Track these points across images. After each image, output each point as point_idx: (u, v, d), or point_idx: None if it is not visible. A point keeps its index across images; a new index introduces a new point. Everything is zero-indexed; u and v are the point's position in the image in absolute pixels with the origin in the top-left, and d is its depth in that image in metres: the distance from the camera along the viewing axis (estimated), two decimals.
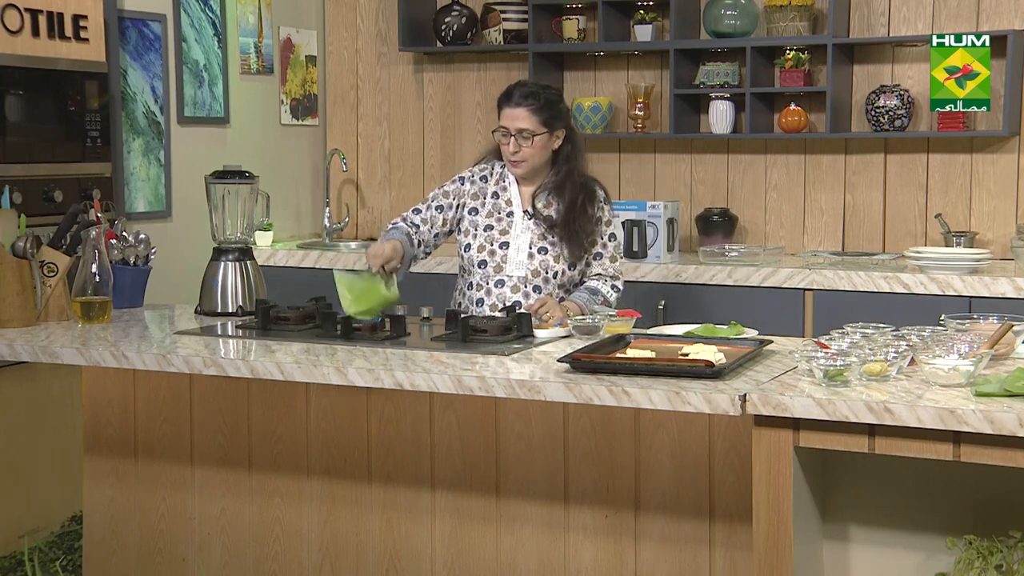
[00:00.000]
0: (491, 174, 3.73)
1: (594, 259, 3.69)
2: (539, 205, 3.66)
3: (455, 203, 3.71)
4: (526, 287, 3.62)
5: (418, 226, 3.70)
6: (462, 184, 3.73)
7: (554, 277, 3.63)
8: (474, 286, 3.68)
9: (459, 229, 3.72)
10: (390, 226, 3.73)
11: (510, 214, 3.67)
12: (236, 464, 3.38)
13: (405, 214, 3.75)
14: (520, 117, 3.60)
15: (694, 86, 5.21)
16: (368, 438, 3.22)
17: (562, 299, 3.63)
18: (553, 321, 3.32)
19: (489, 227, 3.67)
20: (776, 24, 5.05)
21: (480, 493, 3.11)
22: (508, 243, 3.64)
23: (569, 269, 3.65)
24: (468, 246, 3.68)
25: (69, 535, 4.21)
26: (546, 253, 3.63)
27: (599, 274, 3.70)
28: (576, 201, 3.62)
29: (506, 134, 3.62)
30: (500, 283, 3.62)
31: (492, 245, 3.65)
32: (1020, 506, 2.59)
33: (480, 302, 3.65)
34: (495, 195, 3.70)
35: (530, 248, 3.63)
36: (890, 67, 5.05)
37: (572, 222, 3.61)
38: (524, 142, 3.60)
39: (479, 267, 3.65)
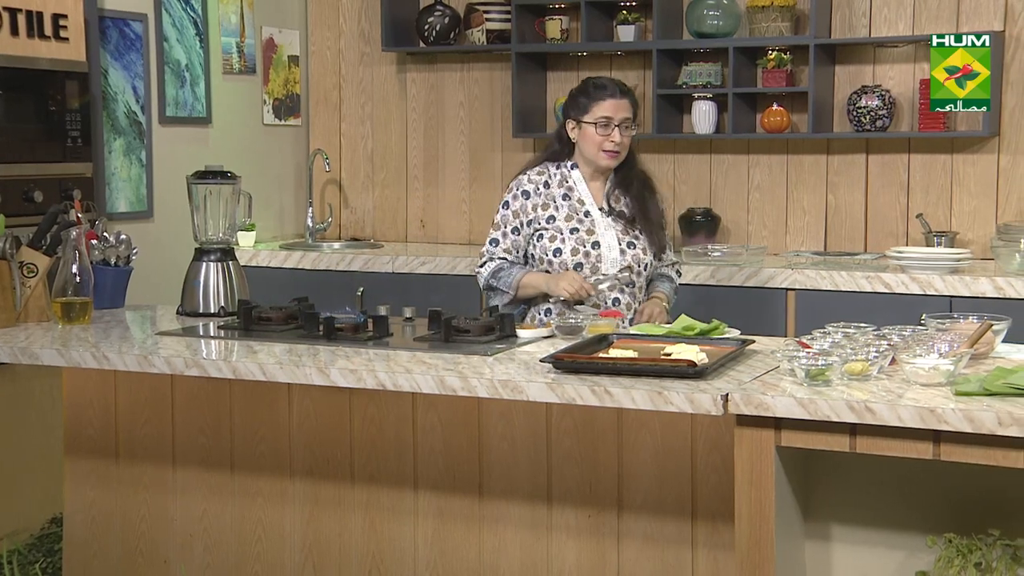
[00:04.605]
0: (551, 177, 3.72)
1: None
2: (611, 201, 3.70)
3: (525, 220, 3.67)
4: (619, 283, 3.65)
5: (505, 258, 3.67)
6: (526, 199, 3.68)
7: (644, 269, 3.70)
8: None
9: (540, 236, 3.66)
10: (492, 267, 3.65)
11: (587, 213, 3.67)
12: (218, 465, 3.37)
13: (489, 250, 3.68)
14: (624, 107, 3.65)
15: (677, 86, 5.21)
16: (351, 439, 3.22)
17: (648, 296, 3.73)
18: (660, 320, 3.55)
19: (575, 229, 3.64)
20: (758, 25, 5.06)
21: (463, 493, 3.10)
22: (598, 242, 3.64)
23: (653, 259, 3.73)
24: (558, 251, 3.63)
25: (49, 537, 4.19)
26: (634, 247, 3.67)
27: (673, 262, 3.87)
28: (645, 192, 3.73)
29: (607, 124, 3.62)
30: (598, 282, 3.62)
31: (585, 247, 3.63)
32: (999, 504, 2.60)
33: (579, 303, 3.63)
34: (565, 196, 3.69)
35: (619, 244, 3.65)
36: (871, 68, 5.07)
37: (649, 212, 3.71)
38: (626, 132, 3.65)
39: (576, 270, 3.62)
